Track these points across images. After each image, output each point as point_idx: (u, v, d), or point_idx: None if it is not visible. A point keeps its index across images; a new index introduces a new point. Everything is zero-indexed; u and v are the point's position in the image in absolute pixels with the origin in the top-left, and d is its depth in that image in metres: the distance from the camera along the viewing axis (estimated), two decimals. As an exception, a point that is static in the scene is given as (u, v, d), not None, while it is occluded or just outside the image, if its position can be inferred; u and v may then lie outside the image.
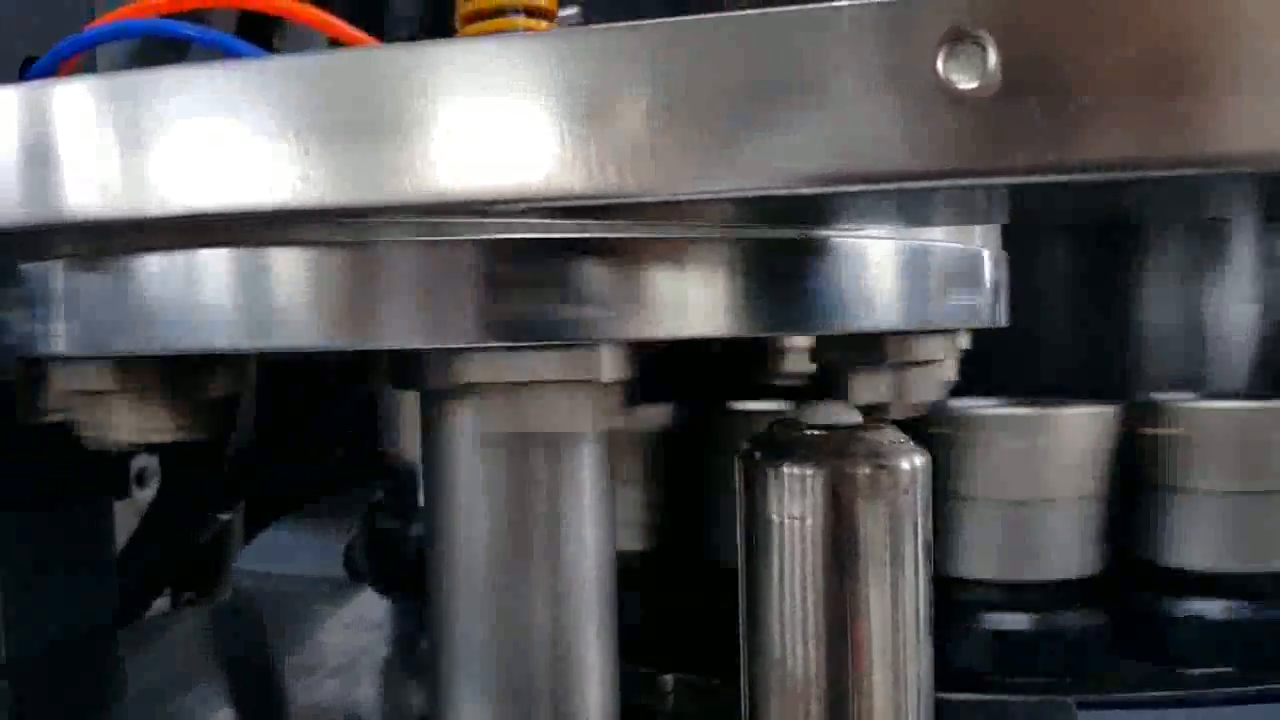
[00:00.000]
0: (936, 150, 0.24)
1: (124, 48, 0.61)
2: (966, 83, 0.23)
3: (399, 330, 0.33)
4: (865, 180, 0.25)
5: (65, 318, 0.35)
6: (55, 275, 0.35)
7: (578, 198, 0.27)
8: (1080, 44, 0.23)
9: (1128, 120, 0.24)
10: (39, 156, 0.30)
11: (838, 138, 0.25)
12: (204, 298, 0.33)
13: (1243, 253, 0.71)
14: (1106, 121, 0.24)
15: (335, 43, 0.42)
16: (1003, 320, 0.44)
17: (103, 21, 0.44)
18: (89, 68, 0.54)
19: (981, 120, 0.24)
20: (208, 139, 0.29)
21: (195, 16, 0.45)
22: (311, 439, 1.00)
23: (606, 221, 0.32)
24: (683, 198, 0.26)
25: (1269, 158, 0.24)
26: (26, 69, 0.46)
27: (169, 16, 0.44)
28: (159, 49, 0.65)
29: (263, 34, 0.74)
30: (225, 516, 1.05)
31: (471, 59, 0.27)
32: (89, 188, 0.30)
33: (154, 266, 0.33)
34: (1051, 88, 0.24)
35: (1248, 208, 0.51)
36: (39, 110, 0.30)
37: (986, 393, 0.61)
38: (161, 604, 0.96)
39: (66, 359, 0.37)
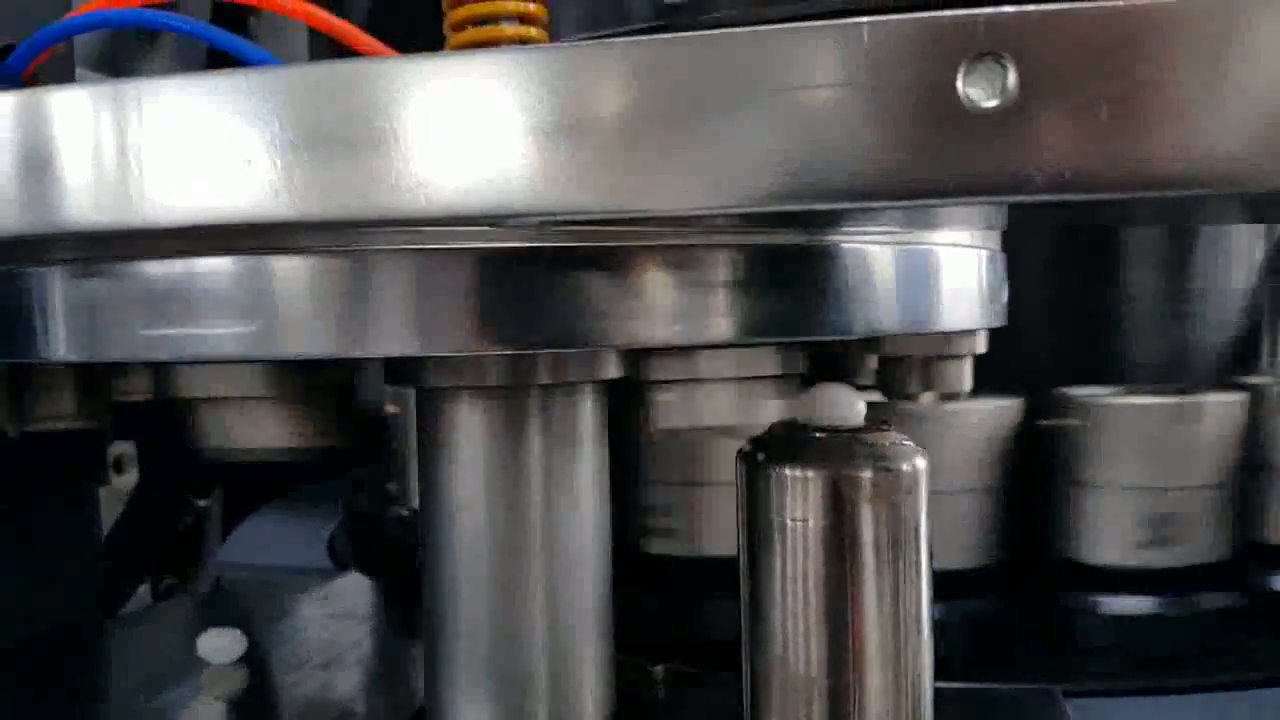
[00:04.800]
0: (951, 168, 0.24)
1: (100, 35, 0.60)
2: (985, 100, 0.23)
3: (395, 338, 0.32)
4: (878, 199, 0.24)
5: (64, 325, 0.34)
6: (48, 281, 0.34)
7: (547, 214, 0.26)
8: (1096, 61, 0.23)
9: (1139, 139, 0.24)
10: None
11: (850, 155, 0.24)
12: (197, 307, 0.32)
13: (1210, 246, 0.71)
14: (1120, 138, 0.24)
15: (315, 32, 0.41)
16: (1000, 320, 0.44)
17: (82, 11, 0.43)
18: (66, 56, 0.53)
19: (996, 138, 0.23)
20: (195, 149, 0.28)
21: (170, 5, 0.44)
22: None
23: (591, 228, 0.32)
24: (692, 212, 0.26)
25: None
26: (3, 57, 0.45)
27: (148, 6, 0.43)
28: (134, 37, 0.63)
29: (237, 21, 0.72)
30: (203, 502, 1.05)
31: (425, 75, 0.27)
32: (80, 198, 0.29)
33: (147, 274, 0.32)
34: (1066, 105, 0.23)
35: (1239, 216, 0.52)
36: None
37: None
38: (140, 590, 0.95)
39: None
